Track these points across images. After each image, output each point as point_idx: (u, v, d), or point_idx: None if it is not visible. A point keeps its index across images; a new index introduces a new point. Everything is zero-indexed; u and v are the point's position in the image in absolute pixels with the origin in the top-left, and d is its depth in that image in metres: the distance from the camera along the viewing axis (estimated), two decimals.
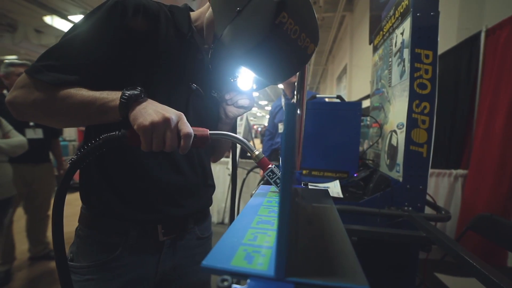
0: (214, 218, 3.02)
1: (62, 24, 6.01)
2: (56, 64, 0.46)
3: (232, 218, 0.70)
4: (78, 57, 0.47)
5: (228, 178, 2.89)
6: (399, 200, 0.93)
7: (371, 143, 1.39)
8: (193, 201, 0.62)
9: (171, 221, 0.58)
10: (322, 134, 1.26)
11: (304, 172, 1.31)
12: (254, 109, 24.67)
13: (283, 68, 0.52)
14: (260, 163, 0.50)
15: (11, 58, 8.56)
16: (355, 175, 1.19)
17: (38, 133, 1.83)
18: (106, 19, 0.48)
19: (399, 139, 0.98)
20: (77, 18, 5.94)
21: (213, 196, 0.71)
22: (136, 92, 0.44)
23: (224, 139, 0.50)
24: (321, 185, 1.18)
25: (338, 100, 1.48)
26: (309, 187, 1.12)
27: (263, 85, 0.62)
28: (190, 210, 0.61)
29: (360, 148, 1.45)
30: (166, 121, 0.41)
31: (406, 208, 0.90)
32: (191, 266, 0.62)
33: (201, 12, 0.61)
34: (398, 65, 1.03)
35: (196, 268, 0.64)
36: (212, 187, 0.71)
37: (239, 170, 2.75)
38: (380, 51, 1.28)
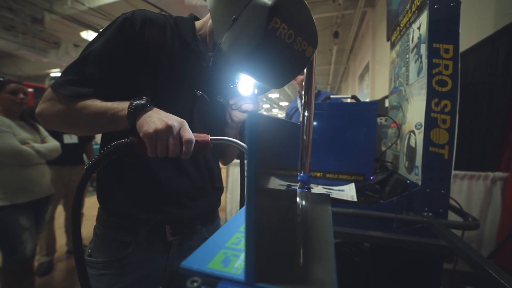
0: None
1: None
2: (74, 79, 0.51)
3: None
4: (93, 71, 0.52)
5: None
6: (418, 205, 0.87)
7: (390, 144, 1.31)
8: (200, 203, 0.64)
9: (178, 222, 0.60)
10: (336, 136, 1.23)
11: (318, 174, 1.28)
12: (275, 111, 24.57)
13: (281, 72, 0.52)
14: None
15: (55, 71, 9.58)
16: (371, 177, 1.13)
17: (73, 138, 2.03)
18: (116, 35, 0.53)
19: (418, 140, 0.92)
20: None
21: (231, 197, 0.73)
22: (142, 102, 0.48)
23: (225, 144, 0.51)
24: (336, 188, 1.15)
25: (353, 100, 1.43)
26: (323, 189, 1.10)
27: (265, 90, 0.63)
28: (197, 211, 0.64)
29: (383, 148, 1.38)
30: (169, 128, 0.44)
31: (425, 214, 0.84)
32: None
33: (205, 21, 0.63)
34: (415, 62, 0.97)
35: None
36: (220, 189, 0.72)
37: None
38: (397, 47, 1.22)
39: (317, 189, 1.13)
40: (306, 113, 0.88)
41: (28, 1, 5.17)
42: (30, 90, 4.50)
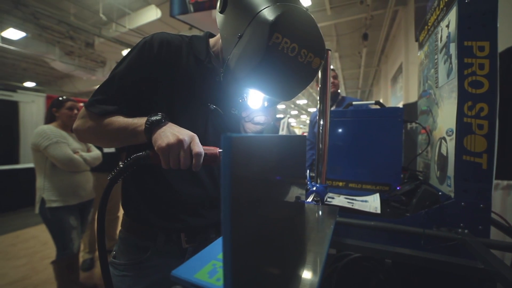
0: None
1: None
2: (103, 98, 0.58)
3: None
4: (117, 91, 0.58)
5: None
6: (452, 220, 0.78)
7: (420, 151, 1.21)
8: (214, 212, 0.66)
9: (193, 230, 0.63)
10: (360, 143, 1.17)
11: (340, 184, 1.23)
12: (303, 117, 24.16)
13: (288, 86, 0.53)
14: None
15: None
16: (397, 188, 1.05)
17: (111, 148, 2.26)
18: (136, 58, 0.59)
19: (449, 147, 0.83)
20: None
21: None
22: (157, 118, 0.52)
23: None
24: (359, 198, 1.09)
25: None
26: (345, 200, 1.05)
27: (275, 102, 0.63)
28: (212, 221, 0.66)
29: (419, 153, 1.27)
30: (180, 142, 0.47)
31: (460, 230, 0.74)
32: None
33: (218, 37, 0.67)
34: (444, 63, 0.89)
35: None
36: None
37: None
38: (425, 48, 1.13)
39: (339, 199, 1.08)
40: (321, 122, 0.86)
41: (83, 29, 5.99)
42: (81, 104, 5.15)
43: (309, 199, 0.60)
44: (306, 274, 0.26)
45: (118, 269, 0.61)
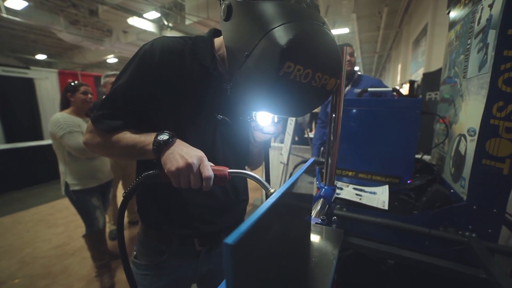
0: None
1: (139, 23, 7.01)
2: (108, 113, 0.57)
3: None
4: (122, 105, 0.57)
5: (281, 166, 2.94)
6: (461, 221, 0.77)
7: (436, 141, 1.15)
8: (226, 218, 0.69)
9: (205, 235, 0.67)
10: (373, 133, 1.13)
11: (350, 173, 1.22)
12: None
13: (300, 108, 0.50)
14: None
15: (110, 57, 10.67)
16: (408, 181, 1.03)
17: None
18: (138, 70, 0.56)
19: (468, 148, 0.78)
20: (150, 15, 6.80)
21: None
22: (164, 138, 0.50)
23: (243, 177, 0.53)
24: (367, 190, 1.09)
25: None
26: (353, 190, 1.05)
27: (285, 118, 0.61)
28: (223, 226, 0.69)
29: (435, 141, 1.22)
30: (189, 166, 0.46)
31: (468, 234, 0.74)
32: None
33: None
34: (478, 52, 0.79)
35: None
36: (245, 201, 0.76)
37: (291, 157, 2.76)
38: (457, 27, 0.99)
39: (347, 190, 1.09)
40: (334, 115, 0.82)
41: None
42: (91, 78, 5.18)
43: (314, 215, 0.60)
44: None
45: (140, 269, 0.67)
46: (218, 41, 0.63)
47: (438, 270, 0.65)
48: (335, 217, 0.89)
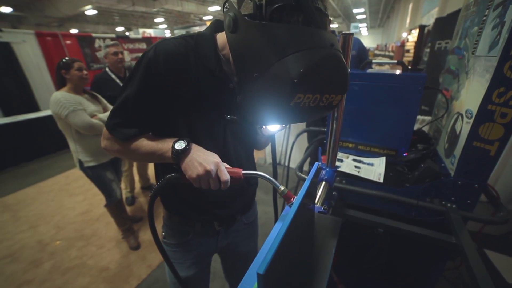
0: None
1: None
2: (121, 121, 0.60)
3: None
4: (132, 114, 0.59)
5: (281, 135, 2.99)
6: (446, 192, 0.88)
7: (436, 112, 1.18)
8: (239, 201, 0.80)
9: (223, 218, 0.78)
10: (374, 107, 1.14)
11: (350, 145, 1.29)
12: None
13: (305, 120, 0.53)
14: (286, 196, 0.57)
15: (88, 8, 9.46)
16: (404, 154, 1.11)
17: None
18: (144, 78, 0.56)
19: (463, 129, 0.83)
20: None
21: None
22: (182, 147, 0.55)
23: (255, 176, 0.59)
24: (366, 161, 1.18)
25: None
26: (353, 162, 1.13)
27: None
28: (237, 208, 0.80)
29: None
30: (208, 173, 0.53)
31: (449, 204, 0.85)
32: (241, 242, 0.87)
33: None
34: (492, 28, 0.75)
35: (244, 243, 0.88)
36: (255, 184, 0.86)
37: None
38: None
39: (347, 162, 1.17)
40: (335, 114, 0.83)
41: None
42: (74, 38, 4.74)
43: (318, 204, 0.67)
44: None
45: (170, 246, 0.80)
46: (221, 38, 0.60)
47: (419, 237, 0.79)
48: (335, 192, 1.00)
